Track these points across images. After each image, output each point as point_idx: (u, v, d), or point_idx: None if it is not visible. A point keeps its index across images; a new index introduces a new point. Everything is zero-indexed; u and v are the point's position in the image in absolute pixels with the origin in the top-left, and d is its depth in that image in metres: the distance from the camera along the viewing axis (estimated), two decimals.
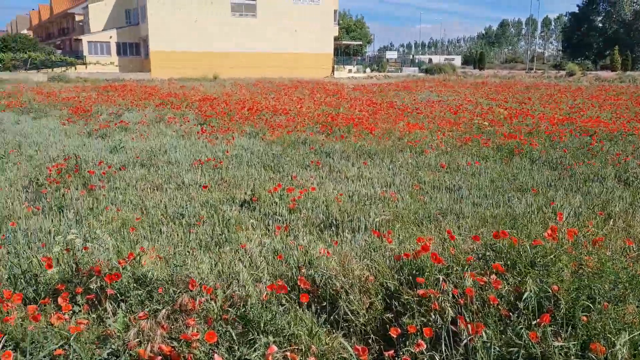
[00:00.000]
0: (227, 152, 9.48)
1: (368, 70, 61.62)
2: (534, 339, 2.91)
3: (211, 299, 3.39)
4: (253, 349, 3.07)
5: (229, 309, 3.36)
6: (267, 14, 52.48)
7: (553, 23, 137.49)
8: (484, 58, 78.20)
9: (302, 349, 3.14)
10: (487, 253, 3.83)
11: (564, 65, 66.54)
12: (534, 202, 6.30)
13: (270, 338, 3.10)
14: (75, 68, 46.18)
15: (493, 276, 3.45)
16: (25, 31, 76.24)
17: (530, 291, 3.27)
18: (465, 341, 3.03)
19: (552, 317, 3.15)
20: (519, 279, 3.54)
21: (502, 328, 3.15)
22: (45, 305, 3.37)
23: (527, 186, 7.11)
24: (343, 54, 65.62)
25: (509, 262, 3.75)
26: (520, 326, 3.07)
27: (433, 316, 3.27)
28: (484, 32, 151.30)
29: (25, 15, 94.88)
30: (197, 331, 3.12)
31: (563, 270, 3.54)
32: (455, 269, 3.63)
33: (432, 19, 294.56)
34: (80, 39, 50.77)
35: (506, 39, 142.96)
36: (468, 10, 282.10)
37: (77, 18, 60.63)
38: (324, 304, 3.62)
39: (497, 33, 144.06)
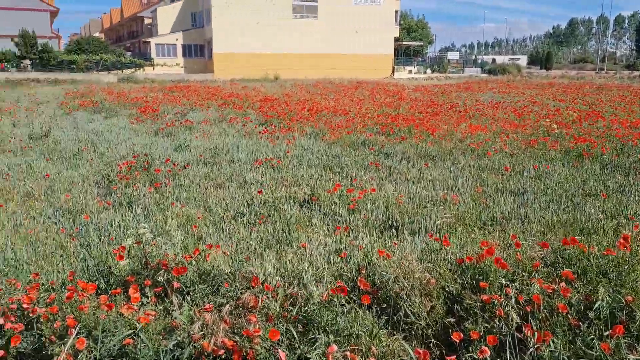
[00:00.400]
0: (288, 151, 9.58)
1: (429, 71, 60.74)
2: (607, 350, 2.78)
3: (272, 297, 3.44)
4: (313, 347, 3.09)
5: (290, 308, 3.39)
6: (328, 15, 52.72)
7: (627, 21, 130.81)
8: (551, 58, 75.32)
9: (362, 349, 3.13)
10: (557, 260, 3.69)
11: (638, 66, 63.20)
12: (606, 207, 6.02)
13: (331, 337, 3.11)
14: (144, 69, 47.98)
15: (562, 284, 3.32)
16: (97, 34, 79.93)
17: (603, 301, 3.13)
18: (531, 349, 2.93)
19: (626, 329, 3.00)
20: (590, 288, 3.39)
21: (571, 338, 3.03)
22: (115, 296, 3.51)
23: (597, 191, 6.80)
24: (403, 54, 64.99)
25: (578, 270, 3.60)
26: (591, 337, 2.94)
27: (497, 323, 3.18)
28: (551, 31, 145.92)
29: (98, 18, 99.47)
30: (258, 328, 3.17)
31: (638, 281, 3.36)
32: (521, 275, 3.51)
33: (497, 17, 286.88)
34: (149, 41, 52.72)
35: (575, 38, 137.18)
36: (535, 8, 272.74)
37: (146, 21, 63.03)
38: (384, 305, 3.60)
39: (566, 32, 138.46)
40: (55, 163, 9.09)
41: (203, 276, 3.80)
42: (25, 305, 3.33)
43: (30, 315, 3.30)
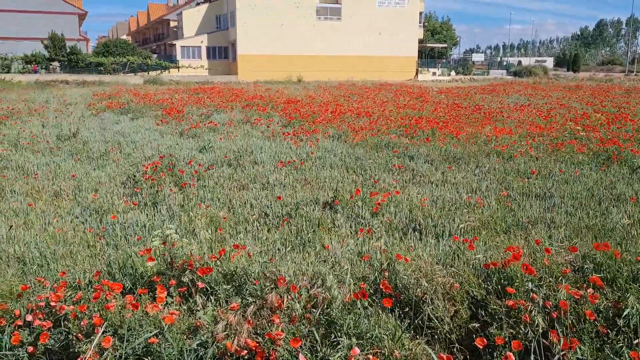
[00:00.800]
0: (312, 153, 9.60)
1: (453, 73, 60.21)
2: (636, 359, 2.72)
3: (296, 298, 3.44)
4: (336, 350, 3.09)
5: (313, 309, 3.39)
6: (352, 17, 52.67)
7: None
8: (579, 60, 73.95)
9: (384, 352, 3.12)
10: (586, 266, 3.62)
11: None
12: (635, 212, 5.89)
13: (354, 340, 3.11)
14: (169, 71, 48.54)
15: (590, 290, 3.26)
16: (124, 37, 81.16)
17: (632, 308, 3.06)
18: (557, 356, 2.88)
19: None
20: (619, 294, 3.32)
21: (598, 345, 2.98)
22: (141, 296, 3.56)
23: (627, 195, 6.66)
24: (427, 56, 64.59)
25: (607, 276, 3.53)
26: (620, 344, 2.88)
27: (523, 328, 3.14)
28: (579, 32, 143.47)
29: (125, 21, 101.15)
30: (281, 330, 3.18)
31: None
32: (547, 280, 3.46)
33: (523, 19, 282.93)
34: (174, 44, 53.33)
35: (603, 39, 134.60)
36: (562, 9, 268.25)
37: (172, 24, 63.78)
38: (407, 309, 3.58)
39: (594, 34, 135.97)
40: (82, 163, 9.26)
41: (227, 276, 3.83)
42: (53, 303, 3.39)
43: (58, 313, 3.36)
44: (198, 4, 59.77)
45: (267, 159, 9.28)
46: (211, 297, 3.62)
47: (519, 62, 73.86)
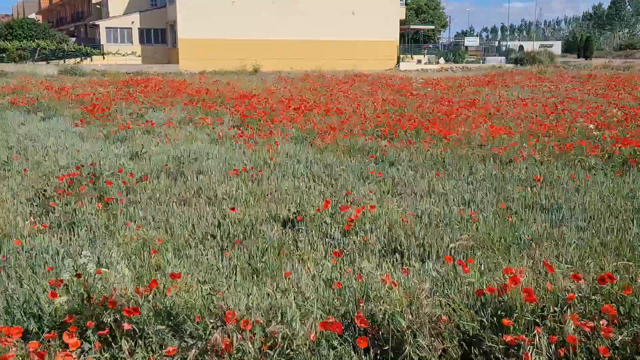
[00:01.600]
0: (271, 159, 9.60)
1: (442, 60, 61.18)
2: None
3: (249, 338, 3.42)
4: None
5: (269, 352, 3.37)
6: None
7: None
8: (592, 44, 76.04)
9: None
10: (593, 297, 3.68)
11: None
12: None
13: None
14: (92, 59, 47.95)
15: (603, 321, 3.32)
16: (33, 15, 79.82)
17: None
18: None
19: None
20: (638, 327, 3.40)
21: None
22: (49, 341, 3.48)
23: None
24: (411, 41, 65.51)
25: (624, 305, 3.60)
26: None
27: None
28: (591, 11, 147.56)
29: None
30: None
31: None
32: (552, 310, 3.52)
33: None
34: (97, 25, 52.81)
35: (621, 19, 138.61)
36: None
37: (94, 0, 63.10)
38: (386, 347, 3.59)
39: (609, 13, 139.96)
40: None
41: (162, 314, 3.78)
42: None
43: None
44: None
45: (214, 166, 9.25)
46: (139, 341, 3.56)
47: (521, 47, 75.44)
